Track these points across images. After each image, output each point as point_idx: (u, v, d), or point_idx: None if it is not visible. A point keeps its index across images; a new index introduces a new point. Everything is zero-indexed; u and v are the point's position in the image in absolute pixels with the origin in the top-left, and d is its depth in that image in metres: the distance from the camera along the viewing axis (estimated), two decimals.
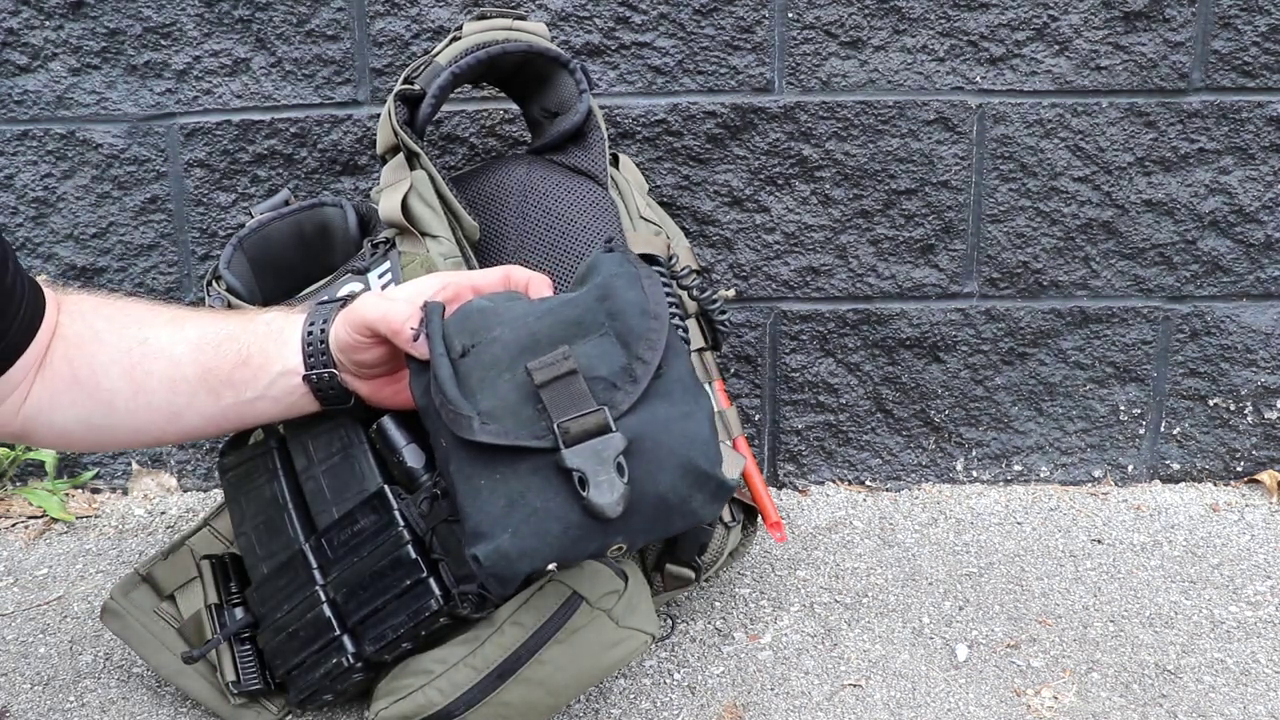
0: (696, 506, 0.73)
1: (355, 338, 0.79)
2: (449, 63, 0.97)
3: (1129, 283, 1.25)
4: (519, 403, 0.72)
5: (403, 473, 0.83)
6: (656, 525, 0.73)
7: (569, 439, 0.70)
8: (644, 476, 0.71)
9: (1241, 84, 1.19)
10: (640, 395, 0.72)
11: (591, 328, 0.75)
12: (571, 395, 0.71)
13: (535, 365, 0.72)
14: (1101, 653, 0.99)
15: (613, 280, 0.77)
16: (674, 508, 0.72)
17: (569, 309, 0.77)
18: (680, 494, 0.72)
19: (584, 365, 0.73)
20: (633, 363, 0.73)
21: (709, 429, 0.74)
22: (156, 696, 0.95)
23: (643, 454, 0.71)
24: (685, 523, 0.74)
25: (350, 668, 0.83)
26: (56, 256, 1.24)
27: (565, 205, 0.99)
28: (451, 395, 0.72)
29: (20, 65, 1.18)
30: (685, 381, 0.75)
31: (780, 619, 1.05)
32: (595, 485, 0.69)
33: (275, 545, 0.87)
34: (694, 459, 0.72)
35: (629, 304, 0.75)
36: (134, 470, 1.31)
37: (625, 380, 0.72)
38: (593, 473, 0.70)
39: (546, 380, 0.72)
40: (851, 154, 1.21)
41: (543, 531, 0.70)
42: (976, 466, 1.31)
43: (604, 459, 0.70)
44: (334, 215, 1.05)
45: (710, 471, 0.72)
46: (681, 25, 1.18)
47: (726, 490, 0.74)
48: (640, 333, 0.74)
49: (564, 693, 0.84)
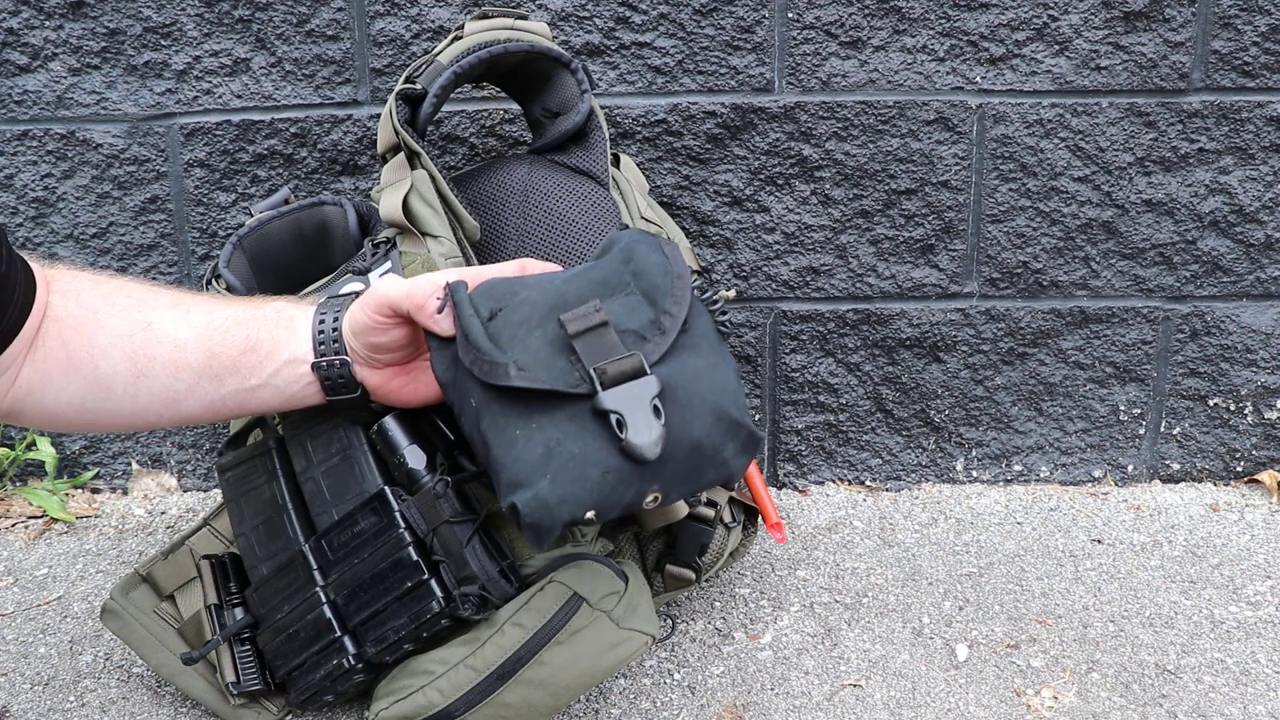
0: (729, 456, 0.74)
1: (374, 318, 0.79)
2: (451, 62, 0.97)
3: (1129, 283, 1.25)
4: (552, 355, 0.74)
5: (403, 474, 0.84)
6: (691, 475, 0.73)
7: (606, 381, 0.71)
8: (679, 422, 0.72)
9: (1241, 84, 1.19)
10: (669, 347, 0.74)
11: (618, 287, 0.77)
12: (605, 345, 0.73)
13: (568, 317, 0.74)
14: (1101, 653, 0.99)
15: (634, 245, 0.80)
16: (708, 457, 0.73)
17: (595, 271, 0.79)
18: (714, 441, 0.73)
19: (614, 319, 0.74)
20: (660, 316, 0.75)
21: (736, 381, 0.75)
22: (156, 696, 0.95)
23: (676, 400, 0.72)
24: (717, 474, 0.74)
25: (351, 669, 0.83)
26: (56, 256, 1.24)
27: (566, 205, 0.99)
28: (485, 348, 0.74)
29: (20, 65, 1.18)
30: (710, 337, 0.77)
31: (780, 619, 1.05)
32: (633, 426, 0.70)
33: (275, 546, 0.87)
34: (725, 406, 0.73)
35: (653, 265, 0.78)
36: (134, 470, 1.31)
37: (654, 332, 0.74)
38: (630, 414, 0.70)
39: (579, 331, 0.73)
40: (851, 154, 1.21)
41: (582, 477, 0.70)
42: (976, 466, 1.31)
43: (640, 401, 0.71)
44: (334, 214, 1.05)
45: (740, 420, 0.74)
46: (681, 25, 1.18)
47: (755, 441, 0.75)
48: (665, 289, 0.76)
49: (564, 694, 0.84)
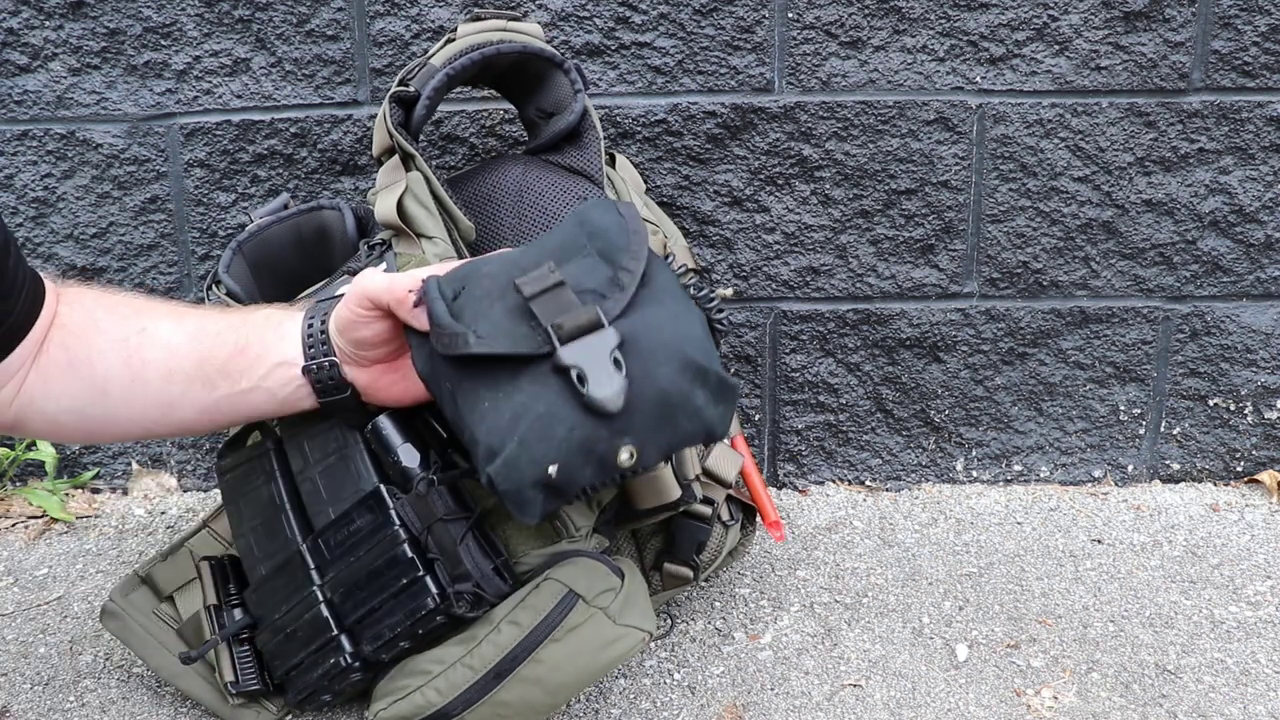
0: (700, 404, 0.72)
1: (357, 312, 0.79)
2: (444, 64, 0.97)
3: (1129, 283, 1.25)
4: (513, 323, 0.73)
5: (398, 473, 0.84)
6: (663, 426, 0.72)
7: (563, 336, 0.71)
8: (641, 373, 0.71)
9: (1241, 84, 1.18)
10: (629, 302, 0.73)
11: (574, 251, 0.77)
12: (562, 303, 0.72)
13: (523, 281, 0.74)
14: (1101, 653, 0.99)
15: (589, 209, 0.80)
16: (677, 405, 0.72)
17: (550, 239, 0.79)
18: (681, 389, 0.71)
19: (572, 281, 0.74)
20: (618, 273, 0.75)
21: (701, 329, 0.75)
22: (156, 697, 0.95)
23: (638, 352, 0.71)
24: (692, 425, 0.73)
25: (348, 668, 0.83)
26: (56, 256, 1.24)
27: (561, 205, 0.99)
28: (446, 323, 0.74)
29: (20, 65, 1.18)
30: (673, 289, 0.76)
31: (780, 619, 1.05)
32: (594, 380, 0.69)
33: (273, 546, 0.88)
34: (689, 353, 0.72)
35: (609, 224, 0.78)
36: (134, 470, 1.31)
37: (613, 289, 0.74)
38: (590, 368, 0.70)
39: (535, 293, 0.73)
40: (851, 154, 1.21)
41: (548, 435, 0.70)
42: (976, 466, 1.31)
43: (600, 354, 0.70)
44: (332, 218, 1.05)
45: (707, 365, 0.72)
46: (681, 25, 1.18)
47: (728, 388, 0.73)
48: (621, 245, 0.76)
49: (562, 691, 0.84)
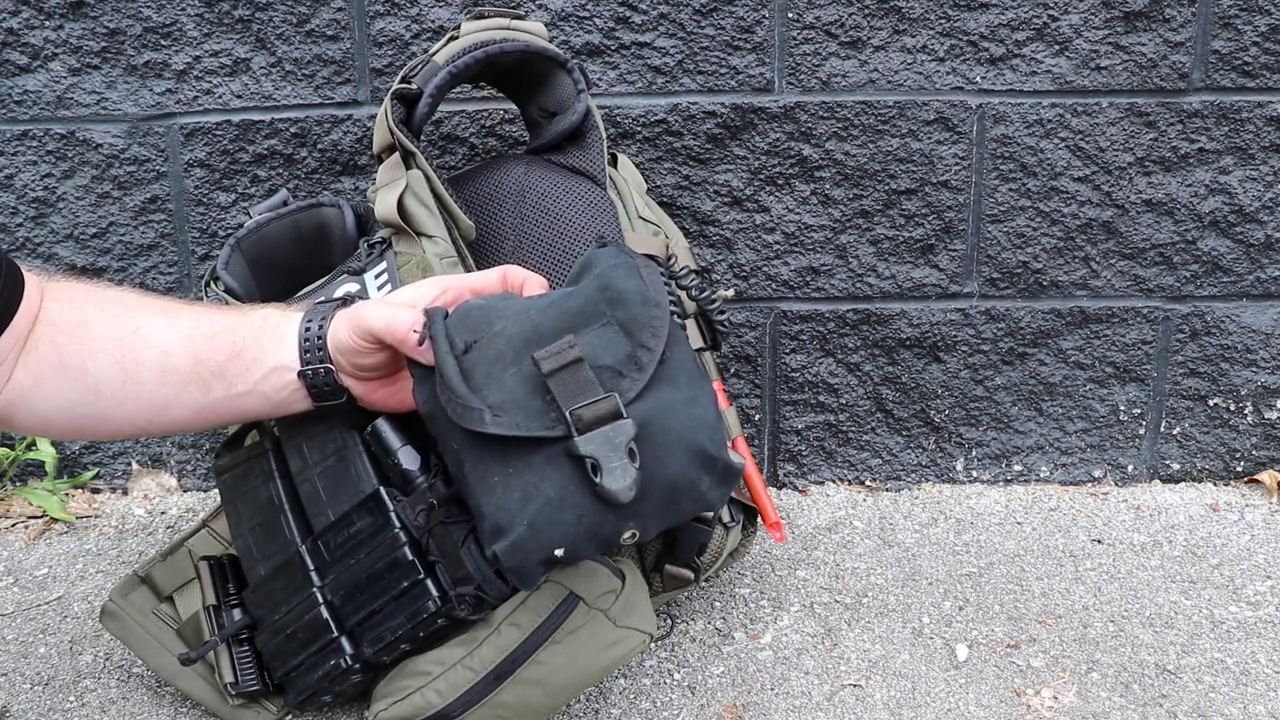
0: (705, 489, 0.74)
1: (358, 343, 0.80)
2: (446, 62, 0.97)
3: (1129, 283, 1.25)
4: (527, 395, 0.73)
5: (398, 475, 0.84)
6: (667, 510, 0.73)
7: (581, 426, 0.70)
8: (653, 461, 0.71)
9: (1241, 84, 1.18)
10: (646, 382, 0.73)
11: (594, 318, 0.76)
12: (579, 383, 0.72)
13: (542, 355, 0.72)
14: (1101, 653, 0.99)
15: (611, 271, 0.78)
16: (683, 491, 0.73)
17: (570, 300, 0.77)
18: (689, 477, 0.73)
19: (589, 354, 0.73)
20: (637, 350, 0.74)
21: (714, 413, 0.75)
22: (156, 697, 0.95)
23: (651, 439, 0.71)
24: (695, 506, 0.74)
25: (348, 669, 0.83)
26: (56, 256, 1.24)
27: (563, 205, 0.99)
28: (460, 391, 0.73)
29: (20, 65, 1.18)
30: (689, 367, 0.76)
31: (780, 619, 1.05)
32: (608, 471, 0.70)
33: (272, 547, 0.87)
34: (701, 442, 0.73)
35: (630, 293, 0.76)
36: (134, 470, 1.31)
37: (631, 368, 0.73)
38: (605, 459, 0.70)
39: (554, 369, 0.72)
40: (851, 154, 1.21)
41: (557, 521, 0.71)
42: (976, 466, 1.31)
43: (616, 445, 0.70)
44: (331, 215, 1.05)
45: (716, 454, 0.73)
46: (681, 25, 1.17)
47: (733, 473, 0.74)
48: (643, 320, 0.75)
49: (562, 693, 0.84)
